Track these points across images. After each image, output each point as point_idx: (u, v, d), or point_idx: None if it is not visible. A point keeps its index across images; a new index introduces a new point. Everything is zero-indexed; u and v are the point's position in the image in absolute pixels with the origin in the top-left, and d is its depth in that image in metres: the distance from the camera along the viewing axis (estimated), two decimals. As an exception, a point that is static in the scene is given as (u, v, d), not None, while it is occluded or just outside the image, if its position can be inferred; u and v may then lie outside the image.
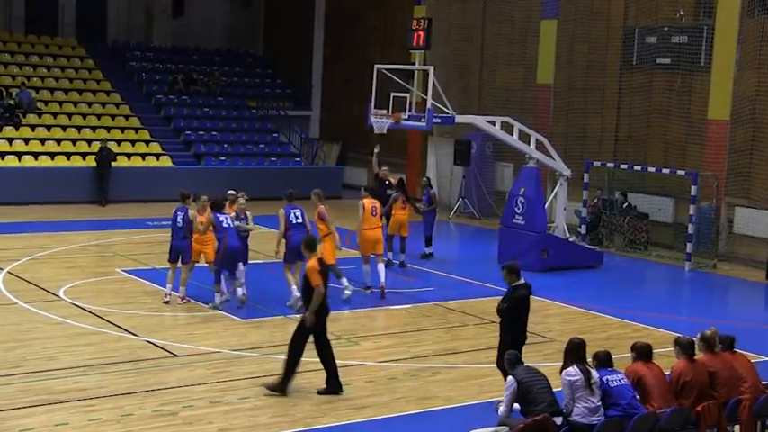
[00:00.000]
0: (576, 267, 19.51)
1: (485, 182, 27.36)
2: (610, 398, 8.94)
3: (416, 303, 15.98)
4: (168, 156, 28.79)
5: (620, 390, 8.98)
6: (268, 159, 30.35)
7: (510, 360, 9.43)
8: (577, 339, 9.30)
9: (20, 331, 13.10)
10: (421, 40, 18.71)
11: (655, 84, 23.52)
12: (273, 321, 14.49)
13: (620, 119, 24.59)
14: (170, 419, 9.96)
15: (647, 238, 22.44)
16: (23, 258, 18.07)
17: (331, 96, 34.51)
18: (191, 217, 14.89)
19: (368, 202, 16.52)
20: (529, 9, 26.39)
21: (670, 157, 22.87)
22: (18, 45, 31.90)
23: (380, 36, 31.73)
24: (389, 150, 27.36)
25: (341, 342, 13.32)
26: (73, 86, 30.77)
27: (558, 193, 21.05)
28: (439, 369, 12.10)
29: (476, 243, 23.57)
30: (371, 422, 10.25)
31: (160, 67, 33.30)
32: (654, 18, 23.64)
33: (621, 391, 8.97)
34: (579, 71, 25.37)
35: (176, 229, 14.96)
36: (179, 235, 14.93)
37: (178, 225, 14.93)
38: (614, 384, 9.02)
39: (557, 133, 24.48)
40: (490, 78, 28.10)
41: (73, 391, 10.65)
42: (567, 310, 16.18)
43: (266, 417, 10.17)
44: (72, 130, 28.52)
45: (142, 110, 30.76)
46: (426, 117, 18.36)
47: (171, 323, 14.00)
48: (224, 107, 32.32)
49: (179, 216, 14.95)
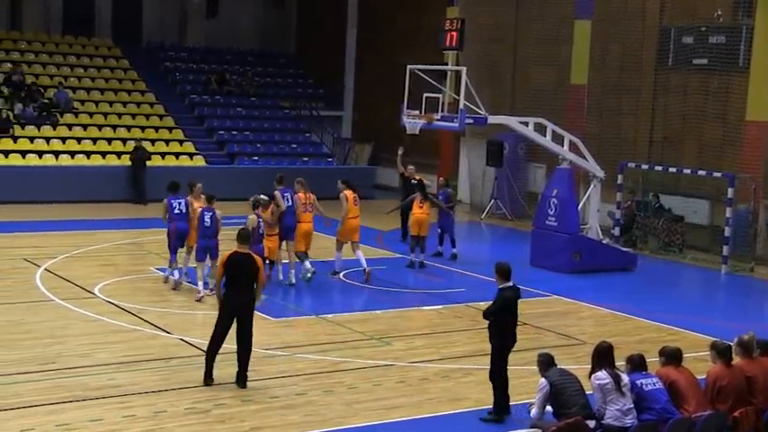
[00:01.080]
0: (609, 269, 19.36)
1: (517, 183, 27.25)
2: (643, 402, 8.87)
3: (448, 304, 15.95)
4: (202, 155, 28.97)
5: (655, 394, 8.91)
6: (300, 159, 30.43)
7: (543, 362, 9.38)
8: (605, 343, 9.22)
9: (56, 328, 13.25)
10: (454, 40, 18.66)
11: (691, 85, 23.29)
12: (305, 321, 14.53)
13: (654, 120, 24.38)
14: (202, 417, 10.02)
15: (681, 241, 22.23)
16: (60, 256, 18.26)
17: (363, 97, 34.53)
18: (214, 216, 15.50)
19: (349, 194, 17.46)
20: (562, 9, 26.23)
21: (705, 159, 22.62)
22: (56, 46, 32.27)
23: (413, 37, 31.68)
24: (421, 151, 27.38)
25: (372, 342, 13.34)
26: (108, 86, 31.06)
27: (592, 194, 20.90)
28: (470, 370, 12.07)
29: (508, 244, 23.48)
30: (402, 423, 10.24)
31: (194, 67, 33.53)
32: (690, 18, 23.41)
33: (656, 395, 8.89)
34: (613, 72, 25.18)
35: (204, 229, 15.35)
36: (206, 234, 15.33)
37: (205, 225, 15.32)
38: (648, 388, 8.94)
39: (590, 134, 24.31)
40: (523, 79, 27.98)
41: (107, 388, 10.74)
42: (600, 313, 16.08)
43: (298, 416, 10.20)
44: (107, 129, 28.80)
45: (176, 110, 30.99)
46: (459, 118, 18.31)
47: (204, 321, 14.06)
48: (257, 107, 32.47)
49: (206, 216, 15.34)
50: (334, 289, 16.96)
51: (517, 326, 10.49)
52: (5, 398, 10.25)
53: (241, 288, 10.96)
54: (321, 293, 16.22)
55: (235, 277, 10.95)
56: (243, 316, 10.98)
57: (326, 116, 33.61)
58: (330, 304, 15.59)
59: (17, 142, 26.77)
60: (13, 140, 26.79)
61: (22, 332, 12.98)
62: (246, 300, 11.01)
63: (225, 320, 11.01)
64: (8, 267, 17.25)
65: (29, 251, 18.48)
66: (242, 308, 10.97)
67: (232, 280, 10.96)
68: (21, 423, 9.54)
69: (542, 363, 9.38)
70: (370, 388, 11.27)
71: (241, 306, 10.97)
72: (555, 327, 14.73)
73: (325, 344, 13.10)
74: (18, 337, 12.68)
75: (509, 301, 10.32)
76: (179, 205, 15.84)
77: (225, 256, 11.16)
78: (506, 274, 10.39)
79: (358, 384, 11.36)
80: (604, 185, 21.19)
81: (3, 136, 26.68)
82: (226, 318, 11.00)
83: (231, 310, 10.97)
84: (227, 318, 11.00)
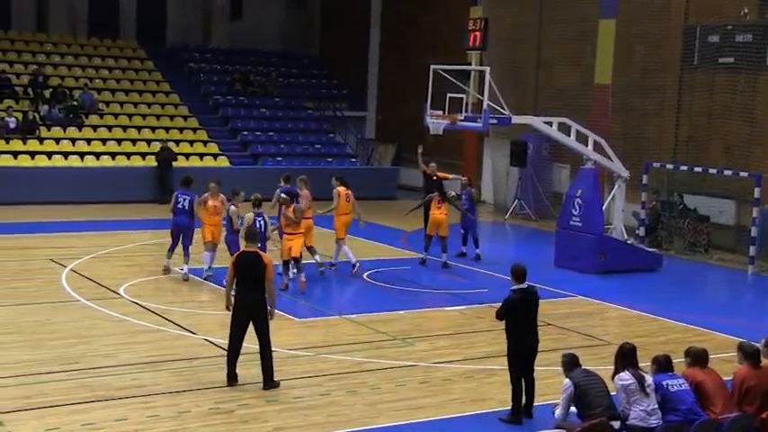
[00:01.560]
0: (634, 270, 19.25)
1: (541, 183, 27.15)
2: (669, 402, 8.80)
3: (471, 305, 15.91)
4: (225, 156, 29.09)
5: (681, 395, 8.84)
6: (324, 160, 30.48)
7: (567, 363, 9.33)
8: (628, 344, 9.16)
9: (81, 328, 13.32)
10: (477, 40, 18.62)
11: (717, 84, 23.11)
12: (329, 321, 14.54)
13: (679, 119, 24.21)
14: (226, 417, 10.04)
15: (707, 241, 22.06)
16: (85, 256, 18.37)
17: (386, 97, 34.54)
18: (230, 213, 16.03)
19: (342, 190, 17.79)
20: (586, 9, 26.10)
21: (732, 159, 22.43)
22: (81, 47, 32.52)
23: (436, 37, 31.66)
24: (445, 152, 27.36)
25: (396, 343, 13.33)
26: (133, 88, 31.26)
27: (616, 194, 20.79)
28: (494, 371, 12.02)
29: (532, 245, 23.40)
30: (426, 423, 10.22)
31: (218, 68, 33.68)
32: (716, 17, 23.22)
33: (682, 397, 8.82)
34: (638, 71, 25.02)
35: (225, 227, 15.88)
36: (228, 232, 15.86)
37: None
38: (674, 389, 8.88)
39: (614, 134, 24.17)
40: (547, 79, 27.88)
41: (131, 388, 10.79)
42: (625, 314, 15.98)
43: (321, 416, 10.20)
44: (132, 130, 28.98)
45: (200, 111, 31.13)
46: (482, 118, 18.26)
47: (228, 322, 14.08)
48: (280, 108, 32.56)
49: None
50: (358, 289, 16.97)
51: (532, 329, 10.32)
52: (31, 397, 10.31)
53: (250, 288, 10.94)
54: (345, 294, 16.23)
55: (244, 277, 10.96)
56: (255, 316, 10.96)
57: (350, 117, 33.65)
58: (354, 305, 15.59)
59: (43, 143, 26.99)
60: (39, 142, 27.01)
61: (48, 332, 13.07)
62: (257, 299, 10.96)
63: (238, 320, 11.02)
64: (34, 268, 17.39)
65: (55, 251, 18.61)
66: (253, 308, 10.94)
67: (242, 280, 10.98)
68: (46, 422, 9.60)
69: (567, 363, 9.33)
70: (393, 388, 11.26)
71: (252, 306, 10.94)
72: (579, 327, 14.65)
73: (349, 344, 13.10)
74: (44, 337, 12.77)
75: (514, 303, 10.20)
76: (183, 201, 16.43)
77: (235, 256, 11.23)
78: (519, 276, 10.31)
79: (381, 385, 11.35)
80: (629, 185, 21.08)
81: (29, 137, 26.92)
82: (238, 318, 11.02)
83: (243, 310, 10.97)
84: (239, 318, 11.01)
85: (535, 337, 10.33)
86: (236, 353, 11.04)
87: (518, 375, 10.23)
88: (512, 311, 10.21)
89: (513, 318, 10.22)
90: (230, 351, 11.07)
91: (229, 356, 11.07)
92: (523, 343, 10.21)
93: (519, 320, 10.20)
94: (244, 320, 10.98)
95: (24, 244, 19.39)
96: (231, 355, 11.05)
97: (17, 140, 26.65)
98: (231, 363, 11.05)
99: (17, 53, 31.03)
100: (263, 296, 10.98)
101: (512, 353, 10.25)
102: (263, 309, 10.98)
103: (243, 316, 10.97)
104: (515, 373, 10.23)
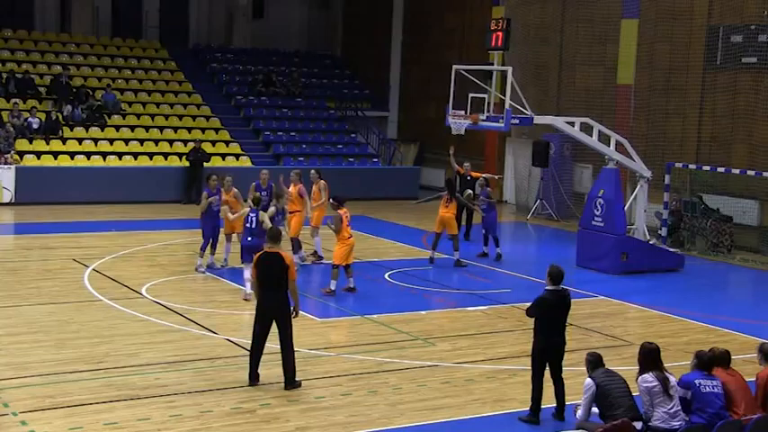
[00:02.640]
0: (656, 270, 19.16)
1: (563, 183, 27.07)
2: (697, 402, 8.73)
3: (493, 305, 15.89)
4: (248, 156, 29.17)
5: (710, 397, 8.74)
6: (346, 160, 30.51)
7: (591, 362, 9.27)
8: (652, 345, 9.07)
9: (103, 327, 13.40)
10: (499, 40, 18.58)
11: (740, 84, 22.97)
12: (350, 321, 14.56)
13: (702, 120, 24.08)
14: (248, 417, 10.08)
15: (730, 242, 21.92)
16: (108, 256, 18.48)
17: (409, 97, 34.54)
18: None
19: (323, 183, 18.56)
20: (609, 9, 26.01)
21: (755, 159, 22.29)
22: (104, 48, 32.69)
23: (458, 37, 31.64)
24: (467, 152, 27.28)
25: (417, 343, 13.33)
26: (156, 88, 31.41)
27: (638, 194, 20.70)
28: (516, 371, 12.01)
29: (553, 245, 23.34)
30: (448, 423, 10.21)
31: (240, 68, 33.78)
32: (739, 17, 23.08)
33: (711, 399, 8.72)
34: (661, 71, 24.91)
35: (247, 230, 15.66)
36: (250, 235, 15.61)
37: (250, 226, 15.58)
38: (705, 390, 8.79)
39: (637, 134, 24.08)
40: (569, 79, 27.80)
41: (153, 387, 10.85)
42: (647, 314, 15.91)
43: (342, 416, 10.22)
44: (154, 130, 29.11)
45: (222, 111, 31.24)
46: (504, 118, 18.23)
47: (250, 322, 14.13)
48: (302, 108, 32.61)
49: (251, 217, 15.64)
50: (380, 289, 16.98)
51: (560, 331, 10.28)
52: (54, 396, 10.40)
53: (273, 288, 10.93)
54: (366, 294, 16.23)
55: (266, 277, 10.95)
56: (277, 316, 10.95)
57: (372, 116, 33.68)
58: (375, 305, 15.60)
59: (66, 144, 27.16)
60: (62, 142, 27.19)
61: (71, 332, 13.16)
62: (279, 299, 10.94)
63: (260, 321, 11.02)
64: (57, 267, 17.51)
65: (77, 251, 18.73)
66: (275, 308, 10.94)
67: (264, 280, 10.97)
68: (70, 421, 9.67)
69: (590, 362, 9.28)
70: (414, 388, 11.26)
71: (274, 306, 10.93)
72: (601, 328, 14.61)
73: (370, 344, 13.11)
74: (67, 337, 12.86)
75: (546, 303, 10.20)
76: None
77: (256, 257, 11.23)
78: (554, 278, 10.30)
79: (403, 385, 11.35)
80: (651, 186, 20.98)
81: (52, 137, 27.10)
82: (261, 318, 11.01)
83: (265, 311, 10.97)
84: (262, 318, 11.01)
85: (562, 339, 10.32)
86: (258, 353, 11.06)
87: (541, 375, 10.22)
88: (542, 311, 10.24)
89: (543, 317, 10.25)
90: (253, 351, 11.09)
91: (252, 356, 11.10)
92: (549, 343, 10.21)
93: (548, 321, 10.23)
94: (267, 320, 11.00)
95: (47, 244, 19.52)
96: (254, 355, 11.08)
97: (40, 141, 26.84)
98: (254, 363, 11.07)
99: (40, 53, 31.25)
100: (285, 296, 10.99)
101: (536, 351, 10.26)
102: (285, 309, 10.99)
103: (266, 316, 10.99)
104: (533, 371, 10.22)
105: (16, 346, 12.32)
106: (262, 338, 11.03)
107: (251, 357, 11.11)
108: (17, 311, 14.17)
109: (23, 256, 18.41)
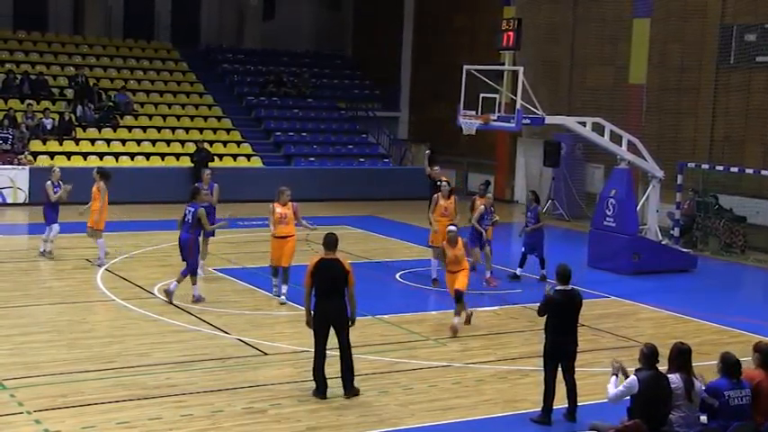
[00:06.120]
0: (668, 271, 19.10)
1: (574, 183, 27.01)
2: (724, 415, 8.42)
3: (504, 305, 15.86)
4: (259, 156, 29.22)
5: (739, 410, 8.44)
6: (357, 160, 30.53)
7: (645, 354, 8.79)
8: (684, 345, 8.84)
9: (115, 327, 13.45)
10: (510, 40, 18.54)
11: (754, 83, 22.88)
12: (361, 321, 14.51)
13: (715, 119, 23.99)
14: (258, 417, 10.09)
15: (743, 242, 21.83)
16: (120, 257, 18.54)
17: (419, 97, 34.52)
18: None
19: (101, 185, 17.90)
20: (620, 8, 25.96)
21: (769, 159, 22.23)
22: (116, 49, 32.83)
23: (469, 37, 31.60)
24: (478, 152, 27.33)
25: (428, 343, 13.32)
26: (167, 89, 31.50)
27: (650, 194, 20.63)
28: (527, 372, 11.98)
29: (565, 245, 23.22)
30: (459, 424, 10.20)
31: (251, 68, 33.85)
32: (753, 15, 22.99)
33: (739, 412, 8.43)
34: (673, 71, 24.84)
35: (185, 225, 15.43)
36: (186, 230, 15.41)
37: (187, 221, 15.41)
38: (734, 403, 8.46)
39: (649, 134, 24.01)
40: (580, 79, 27.75)
41: (164, 387, 10.87)
42: (659, 315, 15.85)
43: (353, 416, 10.22)
44: (166, 131, 29.19)
45: (233, 111, 31.30)
46: (515, 118, 18.19)
47: (261, 322, 14.17)
48: (313, 108, 32.65)
49: (189, 210, 15.40)
50: (391, 290, 16.97)
51: (571, 330, 10.25)
52: (66, 395, 10.43)
53: (331, 295, 10.63)
54: (377, 294, 16.23)
55: (323, 285, 10.60)
56: (337, 325, 10.66)
57: (383, 117, 33.68)
58: (386, 305, 15.59)
59: (79, 144, 27.26)
60: (75, 142, 27.29)
61: (83, 331, 13.21)
62: (338, 307, 10.65)
63: (318, 332, 10.70)
64: (69, 267, 17.58)
65: (90, 251, 18.76)
66: (335, 317, 10.64)
67: (321, 288, 10.62)
68: (82, 420, 9.70)
69: (644, 355, 8.77)
70: (425, 389, 11.25)
71: (333, 315, 10.64)
72: (613, 328, 14.57)
73: (381, 344, 13.11)
74: (79, 336, 12.90)
75: (556, 303, 10.17)
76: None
77: (312, 263, 10.76)
78: (563, 277, 10.28)
79: (414, 385, 11.35)
80: (663, 186, 20.90)
81: (65, 138, 27.20)
82: (319, 329, 10.69)
83: (323, 321, 10.65)
84: (320, 328, 10.68)
85: (573, 339, 10.28)
86: (322, 362, 10.71)
87: (553, 376, 10.19)
88: (552, 311, 10.21)
89: (553, 317, 10.22)
90: (315, 366, 10.73)
91: (315, 368, 10.72)
92: (560, 342, 10.18)
93: (559, 320, 10.21)
94: (325, 329, 10.69)
95: (60, 244, 19.55)
96: (317, 365, 10.72)
97: (53, 141, 26.95)
98: (319, 374, 10.71)
99: (54, 55, 31.39)
100: (343, 303, 10.67)
101: (547, 351, 10.24)
102: (344, 315, 10.68)
103: (324, 324, 10.67)
104: (549, 372, 10.20)
105: (29, 345, 12.37)
106: (321, 352, 10.68)
107: (314, 369, 10.69)
108: (30, 311, 14.24)
109: (36, 257, 18.47)
